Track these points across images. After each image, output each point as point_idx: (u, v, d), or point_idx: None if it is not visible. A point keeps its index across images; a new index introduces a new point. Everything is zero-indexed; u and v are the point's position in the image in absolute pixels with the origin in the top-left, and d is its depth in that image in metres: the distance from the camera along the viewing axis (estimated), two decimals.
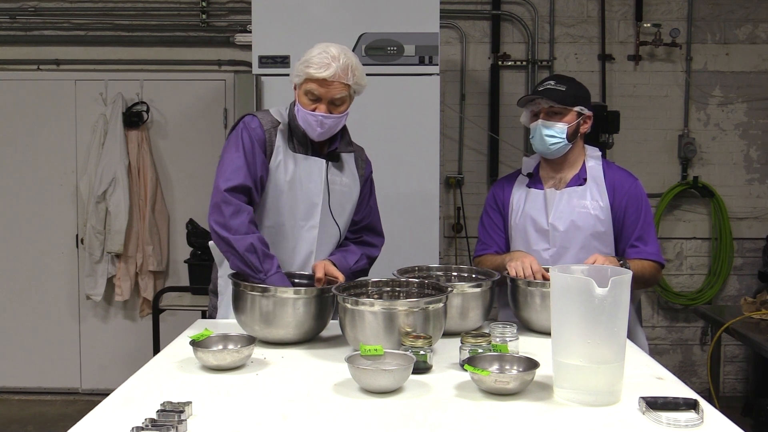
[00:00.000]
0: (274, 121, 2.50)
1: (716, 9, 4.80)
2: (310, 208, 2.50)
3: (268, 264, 2.31)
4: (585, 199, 2.61)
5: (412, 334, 1.93)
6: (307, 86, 2.40)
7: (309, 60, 2.38)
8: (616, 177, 2.65)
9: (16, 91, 4.83)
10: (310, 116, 2.41)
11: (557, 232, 2.60)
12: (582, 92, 2.66)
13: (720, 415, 1.59)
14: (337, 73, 2.36)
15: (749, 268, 4.90)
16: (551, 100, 2.57)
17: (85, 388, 4.91)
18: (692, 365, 4.96)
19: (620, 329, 1.65)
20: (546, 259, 2.59)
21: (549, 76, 2.73)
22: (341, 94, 2.41)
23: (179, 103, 4.80)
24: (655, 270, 2.63)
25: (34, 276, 4.89)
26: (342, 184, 2.56)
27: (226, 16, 4.85)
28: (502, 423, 1.56)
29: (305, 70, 2.38)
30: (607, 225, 2.60)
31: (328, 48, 2.40)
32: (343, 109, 2.45)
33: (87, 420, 1.57)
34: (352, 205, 2.61)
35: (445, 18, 4.27)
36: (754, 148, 4.87)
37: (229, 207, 2.33)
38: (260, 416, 1.60)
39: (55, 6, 4.87)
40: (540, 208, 2.65)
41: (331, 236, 2.56)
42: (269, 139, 2.46)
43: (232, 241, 2.31)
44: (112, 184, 4.66)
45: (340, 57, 2.37)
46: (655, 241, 2.65)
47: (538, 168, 2.75)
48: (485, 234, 2.80)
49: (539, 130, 2.60)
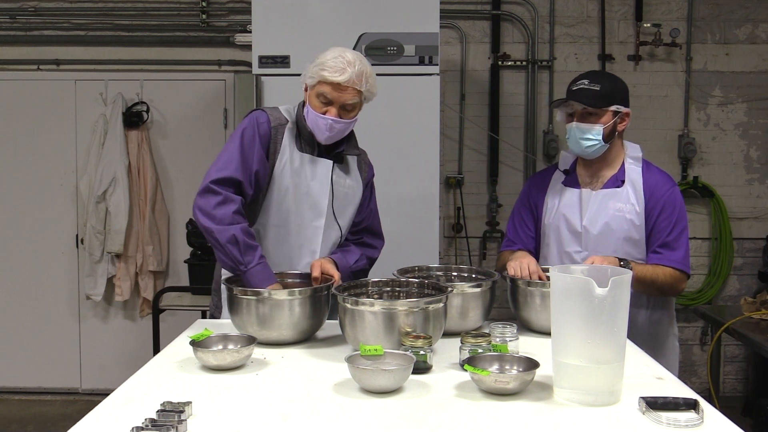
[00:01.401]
0: (283, 119, 2.50)
1: (716, 9, 4.80)
2: (315, 208, 2.50)
3: (250, 256, 2.30)
4: (621, 202, 2.53)
5: (412, 334, 1.93)
6: (320, 89, 2.39)
7: (324, 63, 2.38)
8: (654, 181, 2.56)
9: (16, 91, 4.84)
10: (320, 119, 2.41)
11: (590, 235, 2.53)
12: (618, 89, 2.55)
13: (720, 415, 1.59)
14: (352, 78, 2.36)
15: (749, 268, 4.90)
16: (585, 103, 2.48)
17: (85, 388, 4.91)
18: (692, 365, 4.96)
19: (620, 329, 1.65)
20: (578, 263, 2.50)
21: (583, 74, 2.61)
22: (353, 100, 2.41)
23: (179, 103, 4.81)
24: (675, 278, 2.50)
25: (34, 276, 4.89)
26: (346, 185, 2.56)
27: (226, 16, 4.85)
28: (502, 423, 1.56)
29: (320, 73, 2.38)
30: (641, 232, 2.52)
31: (344, 53, 2.40)
32: (353, 115, 2.46)
33: (87, 420, 1.57)
34: (354, 207, 2.61)
35: (445, 18, 4.27)
36: (754, 148, 4.88)
37: (216, 197, 2.33)
38: (260, 416, 1.60)
39: (55, 6, 4.87)
40: (574, 209, 2.58)
41: (333, 237, 2.56)
42: (274, 137, 2.46)
43: (214, 231, 2.31)
44: (112, 184, 4.66)
45: (355, 63, 2.38)
46: (683, 250, 2.51)
47: (575, 164, 2.67)
48: (514, 232, 2.74)
49: (574, 133, 2.52)
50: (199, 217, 2.35)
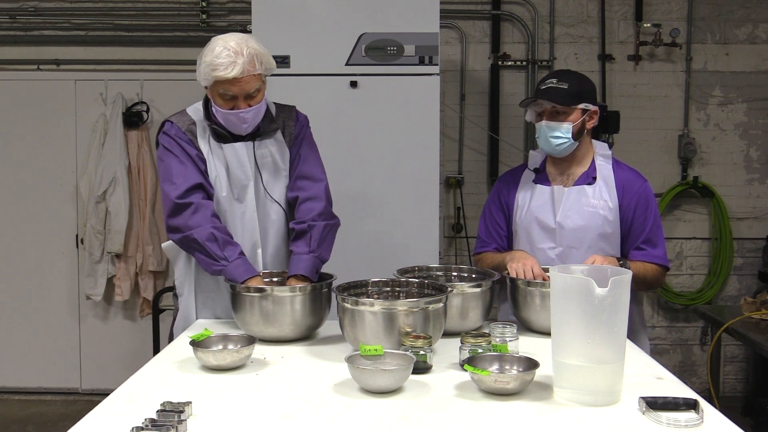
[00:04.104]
0: (190, 119, 2.49)
1: (716, 9, 4.80)
2: (241, 191, 2.47)
3: (230, 251, 2.31)
4: (594, 198, 2.56)
5: (412, 334, 1.93)
6: (219, 88, 2.34)
7: (213, 62, 2.30)
8: (625, 177, 2.60)
9: (16, 91, 4.83)
10: (231, 116, 2.39)
11: (564, 231, 2.56)
12: (585, 87, 2.58)
13: (720, 415, 1.59)
14: (245, 68, 2.30)
15: (749, 268, 4.89)
16: (553, 101, 2.51)
17: (85, 388, 4.91)
18: (692, 365, 4.96)
19: (620, 329, 1.65)
20: (552, 258, 2.55)
21: (551, 73, 2.66)
22: (255, 86, 2.36)
23: (179, 103, 4.72)
24: (659, 273, 2.59)
25: (34, 276, 4.89)
26: (270, 155, 2.51)
27: (226, 16, 4.85)
28: (502, 423, 1.56)
29: (212, 74, 2.31)
30: (614, 226, 2.56)
31: (227, 43, 2.32)
32: (260, 98, 2.40)
33: (87, 420, 1.57)
34: (285, 174, 2.54)
35: (445, 18, 4.27)
36: (754, 148, 4.87)
37: (188, 208, 2.34)
38: (260, 416, 1.60)
39: (55, 6, 4.87)
40: (547, 206, 2.60)
41: (274, 219, 2.52)
42: (191, 138, 2.45)
43: (193, 234, 2.31)
44: (112, 184, 4.65)
45: (243, 50, 2.30)
46: (662, 245, 2.60)
47: (544, 163, 2.69)
48: (486, 232, 2.76)
49: (544, 131, 2.55)
50: (176, 237, 2.36)
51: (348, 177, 3.50)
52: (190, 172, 2.39)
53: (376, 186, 3.63)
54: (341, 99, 3.61)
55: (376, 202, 3.60)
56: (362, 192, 3.60)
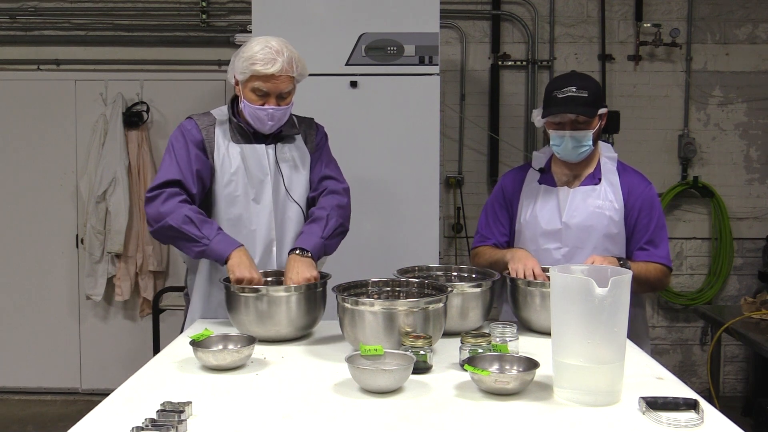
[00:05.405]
0: (212, 119, 2.52)
1: (716, 9, 4.80)
2: (260, 190, 2.49)
3: (207, 229, 2.33)
4: (600, 199, 2.55)
5: (412, 334, 1.93)
6: (254, 83, 2.41)
7: (253, 57, 2.38)
8: (630, 180, 2.60)
9: (16, 91, 4.83)
10: (260, 111, 2.42)
11: (570, 231, 2.55)
12: (599, 90, 2.57)
13: (720, 415, 1.59)
14: (284, 66, 2.38)
15: (749, 268, 4.90)
16: (579, 113, 2.47)
17: (85, 388, 4.91)
18: (692, 365, 4.96)
19: (620, 329, 1.65)
20: (558, 259, 2.54)
21: (562, 78, 2.59)
22: (288, 87, 2.43)
23: (179, 103, 4.80)
24: (663, 274, 2.57)
25: (34, 276, 4.89)
26: (291, 160, 2.55)
27: (226, 16, 4.85)
28: (502, 423, 1.56)
29: (251, 68, 2.38)
30: (620, 227, 2.56)
31: (269, 42, 2.40)
32: (289, 100, 2.47)
33: (87, 420, 1.57)
34: (305, 177, 2.59)
35: (445, 18, 4.27)
36: (754, 148, 4.88)
37: (158, 197, 2.37)
38: (260, 416, 1.60)
39: (55, 6, 4.87)
40: (552, 206, 2.59)
41: (292, 217, 2.54)
42: (207, 137, 2.48)
43: (167, 219, 2.33)
44: (112, 184, 4.66)
45: (283, 50, 2.39)
46: (666, 245, 2.59)
47: (549, 163, 2.69)
48: (487, 227, 2.74)
49: (567, 142, 2.51)
50: (151, 224, 2.39)
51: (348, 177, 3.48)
52: (173, 168, 2.43)
53: (376, 186, 3.63)
54: (341, 99, 3.61)
55: (376, 202, 3.60)
56: (362, 192, 3.59)
